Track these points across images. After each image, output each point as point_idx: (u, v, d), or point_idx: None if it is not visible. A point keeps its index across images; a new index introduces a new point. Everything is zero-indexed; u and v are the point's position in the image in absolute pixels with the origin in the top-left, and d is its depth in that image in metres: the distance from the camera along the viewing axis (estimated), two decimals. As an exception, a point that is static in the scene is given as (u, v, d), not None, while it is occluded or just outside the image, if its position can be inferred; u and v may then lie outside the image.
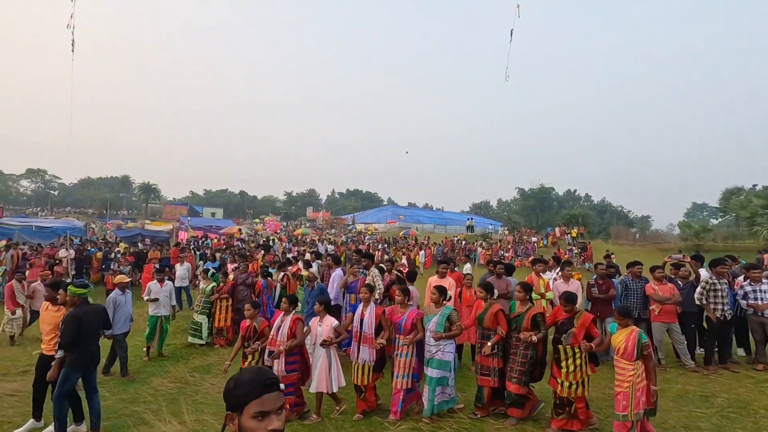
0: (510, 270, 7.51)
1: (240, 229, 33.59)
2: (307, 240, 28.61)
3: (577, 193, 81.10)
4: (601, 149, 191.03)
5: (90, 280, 14.68)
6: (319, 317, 5.08)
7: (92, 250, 16.18)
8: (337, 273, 7.65)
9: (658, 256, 21.57)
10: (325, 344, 4.85)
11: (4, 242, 16.33)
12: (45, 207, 70.30)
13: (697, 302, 6.71)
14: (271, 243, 22.96)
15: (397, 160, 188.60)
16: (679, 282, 7.09)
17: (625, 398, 4.07)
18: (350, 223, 50.38)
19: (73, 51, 6.95)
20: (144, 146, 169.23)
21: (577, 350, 4.45)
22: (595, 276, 7.40)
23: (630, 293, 6.98)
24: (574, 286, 6.99)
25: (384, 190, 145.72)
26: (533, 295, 6.74)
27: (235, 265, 10.81)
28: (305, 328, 5.12)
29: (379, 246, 25.61)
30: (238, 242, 24.15)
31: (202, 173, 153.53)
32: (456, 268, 8.75)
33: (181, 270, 11.86)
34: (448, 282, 6.76)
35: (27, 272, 13.41)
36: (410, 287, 6.27)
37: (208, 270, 9.53)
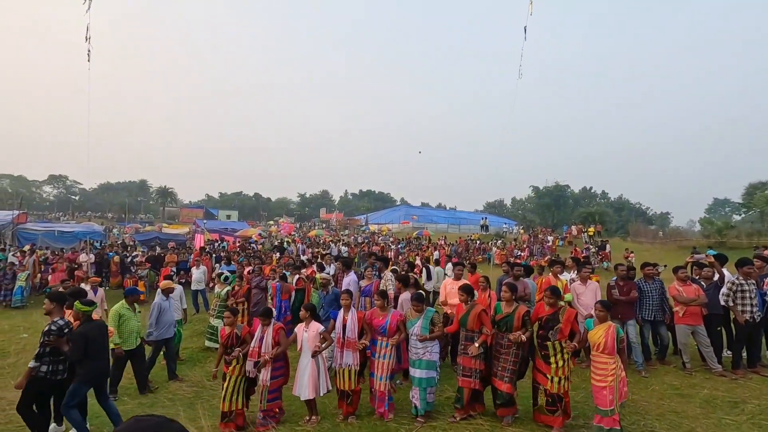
0: (528, 272, 7.38)
1: (260, 233, 33.91)
2: (321, 241, 28.71)
3: (593, 191, 79.70)
4: (617, 145, 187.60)
5: (109, 284, 14.99)
6: (304, 323, 5.11)
7: (110, 254, 16.46)
8: (350, 278, 7.60)
9: (679, 254, 21.04)
10: (315, 355, 4.89)
11: (28, 247, 16.79)
12: (66, 212, 72.19)
13: (723, 303, 6.49)
14: (285, 245, 23.10)
15: (410, 160, 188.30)
16: (702, 283, 6.86)
17: (611, 393, 4.19)
18: (363, 223, 50.44)
19: (89, 60, 7.07)
20: (160, 150, 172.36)
21: (564, 345, 4.51)
22: (615, 277, 7.21)
23: (644, 296, 6.79)
24: (592, 287, 6.82)
25: (397, 191, 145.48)
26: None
27: (250, 268, 10.88)
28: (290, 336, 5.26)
29: (393, 246, 25.56)
30: (253, 244, 24.36)
31: (217, 176, 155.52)
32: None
33: (198, 273, 11.99)
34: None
35: (50, 277, 13.81)
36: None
37: (222, 274, 9.61)
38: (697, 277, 7.13)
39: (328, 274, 9.23)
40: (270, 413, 4.92)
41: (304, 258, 14.06)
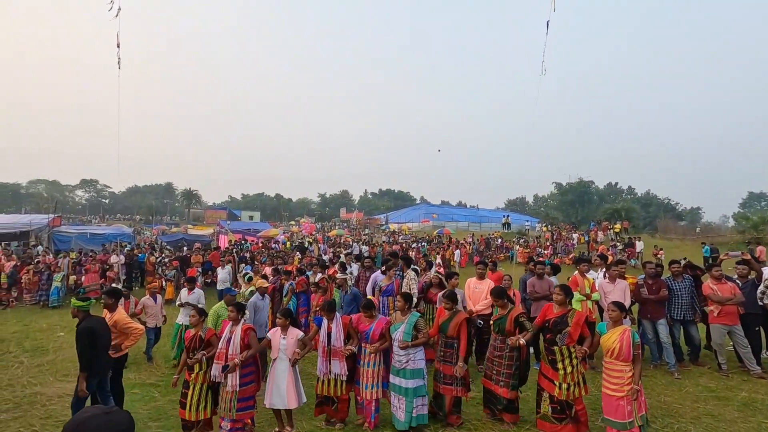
0: (555, 270, 7.23)
1: (282, 232, 34.39)
2: (342, 241, 28.90)
3: (619, 186, 77.48)
4: (643, 139, 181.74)
5: (146, 284, 15.38)
6: (281, 330, 4.76)
7: (141, 255, 16.97)
8: (376, 275, 7.63)
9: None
10: (294, 363, 4.59)
11: (62, 254, 17.48)
12: (97, 215, 74.91)
13: (760, 302, 6.21)
14: (306, 245, 23.35)
15: (430, 159, 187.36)
16: (738, 281, 6.58)
17: (629, 403, 3.85)
18: (383, 222, 50.49)
19: (119, 68, 7.32)
20: (185, 154, 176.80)
21: (573, 350, 4.22)
22: (643, 275, 7.00)
23: (673, 294, 6.57)
24: (621, 286, 6.62)
25: (416, 189, 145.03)
26: (577, 296, 6.48)
27: (273, 267, 11.04)
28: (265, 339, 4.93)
29: (414, 245, 25.49)
30: (275, 245, 24.71)
31: (239, 178, 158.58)
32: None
33: (223, 273, 12.25)
34: (487, 283, 6.59)
35: (83, 278, 14.36)
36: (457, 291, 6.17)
37: (247, 274, 9.76)
38: (734, 276, 6.85)
39: (351, 273, 9.27)
40: (238, 424, 4.42)
41: (325, 258, 14.17)
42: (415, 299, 6.51)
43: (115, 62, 7.56)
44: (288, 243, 26.79)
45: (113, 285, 12.77)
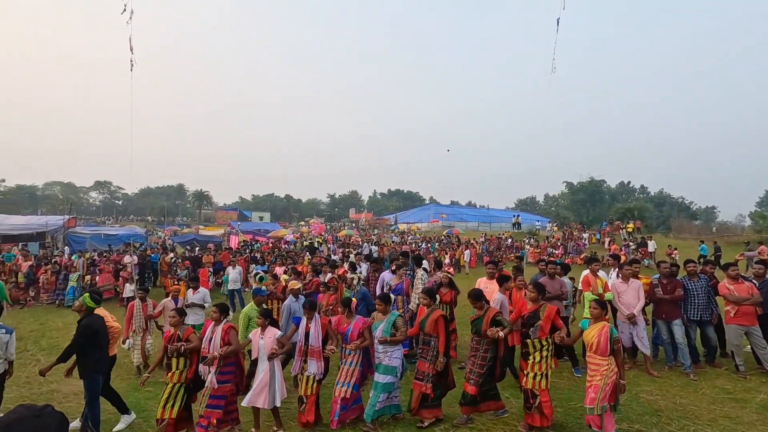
0: (566, 269, 7.16)
1: (300, 234, 34.59)
2: (351, 241, 28.97)
3: (631, 185, 76.44)
4: (657, 137, 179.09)
5: (161, 285, 15.57)
6: (260, 329, 4.81)
7: (154, 256, 17.19)
8: (385, 275, 7.63)
9: (726, 250, 19.85)
10: (272, 357, 4.64)
11: (77, 255, 17.80)
12: (111, 216, 76.14)
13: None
14: (316, 245, 23.46)
15: (439, 159, 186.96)
16: (754, 281, 6.44)
17: (595, 391, 4.09)
18: (393, 223, 50.51)
19: (132, 70, 7.45)
20: (196, 155, 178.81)
21: (544, 342, 4.54)
22: (657, 275, 6.89)
23: (689, 294, 6.46)
24: (634, 286, 6.52)
25: (425, 189, 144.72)
26: (589, 295, 6.40)
27: (284, 268, 11.11)
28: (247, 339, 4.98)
29: (422, 245, 25.46)
30: (286, 245, 24.86)
31: (249, 179, 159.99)
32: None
33: (234, 273, 12.34)
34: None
35: (97, 278, 14.59)
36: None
37: (258, 274, 9.82)
38: (751, 276, 6.72)
39: (360, 273, 9.29)
40: (203, 421, 4.40)
41: (335, 258, 14.21)
42: (418, 299, 6.51)
43: (128, 64, 7.69)
44: (298, 243, 26.95)
45: (133, 285, 12.97)
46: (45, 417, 1.27)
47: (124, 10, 6.51)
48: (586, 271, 7.95)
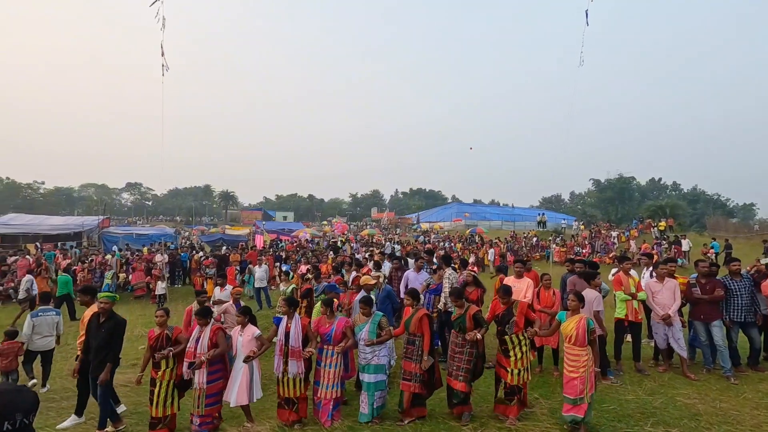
0: (594, 268, 6.96)
1: (323, 234, 34.99)
2: (374, 240, 29.07)
3: (662, 182, 73.92)
4: (689, 132, 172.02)
5: (190, 282, 16.02)
6: (240, 327, 4.90)
7: (183, 254, 17.70)
8: (408, 273, 7.63)
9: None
10: (248, 360, 4.69)
11: (109, 256, 18.52)
12: (141, 216, 78.88)
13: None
14: (339, 244, 23.64)
15: (461, 157, 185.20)
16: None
17: (582, 382, 4.31)
18: (415, 222, 50.35)
19: (164, 75, 7.70)
20: (222, 156, 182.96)
21: (522, 337, 4.74)
22: (695, 275, 6.63)
23: (731, 295, 6.17)
24: (670, 286, 6.29)
25: (448, 188, 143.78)
26: (621, 295, 6.22)
27: (308, 266, 11.25)
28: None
29: (445, 244, 25.30)
30: (310, 244, 25.16)
31: (273, 180, 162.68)
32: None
33: (260, 271, 12.58)
34: (526, 282, 6.45)
35: (131, 276, 15.17)
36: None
37: (288, 272, 9.96)
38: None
39: (384, 272, 9.31)
40: (207, 419, 4.63)
41: (359, 257, 14.29)
42: (446, 299, 6.48)
43: (157, 69, 7.95)
44: (320, 242, 27.21)
45: (164, 282, 13.39)
46: (24, 393, 1.50)
47: (157, 16, 6.75)
48: (615, 270, 7.75)
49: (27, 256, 15.88)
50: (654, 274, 6.59)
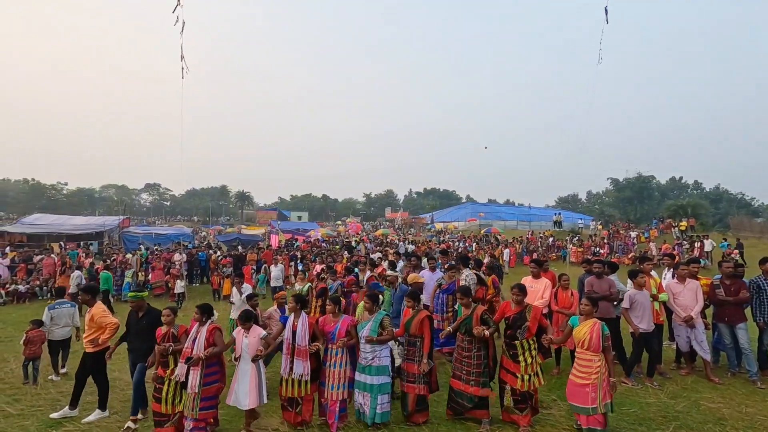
0: (613, 268, 6.84)
1: (338, 234, 35.17)
2: (388, 240, 29.06)
3: (683, 181, 72.10)
4: (711, 129, 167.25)
5: (208, 281, 16.27)
6: (245, 329, 4.75)
7: (201, 254, 17.98)
8: (424, 273, 7.61)
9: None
10: (256, 359, 4.58)
11: (130, 255, 18.94)
12: (160, 216, 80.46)
13: None
14: (353, 244, 23.71)
15: (476, 157, 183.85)
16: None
17: (594, 390, 4.07)
18: (429, 222, 50.16)
19: (183, 78, 7.84)
20: (237, 156, 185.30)
21: (531, 342, 4.54)
22: (718, 276, 6.45)
23: (764, 295, 5.97)
24: (692, 287, 6.14)
25: (462, 188, 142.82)
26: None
27: (323, 266, 11.32)
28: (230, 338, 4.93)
29: (460, 244, 25.13)
30: (324, 243, 25.30)
31: (288, 180, 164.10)
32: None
33: (276, 271, 12.72)
34: (543, 283, 6.37)
35: (150, 274, 15.48)
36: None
37: (304, 270, 10.03)
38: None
39: (399, 272, 9.30)
40: (200, 423, 4.45)
41: (373, 257, 14.31)
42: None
43: (171, 73, 8.10)
44: (334, 242, 27.31)
45: (183, 281, 13.64)
46: None
47: (177, 23, 6.88)
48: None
49: (52, 255, 16.37)
50: (675, 274, 6.43)
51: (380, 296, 5.51)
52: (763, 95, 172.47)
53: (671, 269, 7.24)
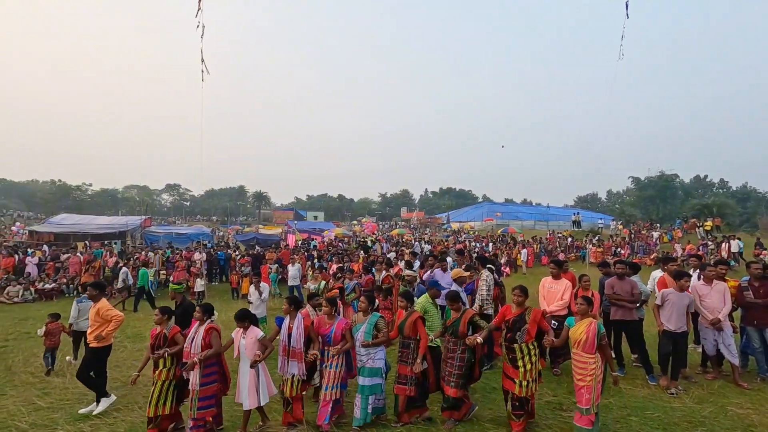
0: (635, 269, 6.69)
1: (353, 233, 35.34)
2: (403, 240, 29.02)
3: (708, 180, 70.02)
4: (739, 125, 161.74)
5: (228, 281, 16.53)
6: (242, 329, 4.75)
7: (220, 253, 18.28)
8: (437, 273, 7.59)
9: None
10: (254, 365, 4.58)
11: (152, 253, 19.35)
12: (180, 216, 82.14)
13: None
14: (369, 243, 23.76)
15: (493, 156, 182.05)
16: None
17: (588, 391, 4.09)
18: (445, 222, 49.92)
19: (203, 80, 8.00)
20: (255, 158, 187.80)
21: (531, 347, 4.47)
22: (746, 277, 6.24)
23: None
24: (719, 289, 5.95)
25: (478, 187, 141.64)
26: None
27: (339, 265, 11.38)
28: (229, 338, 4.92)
29: (477, 245, 24.93)
30: (340, 243, 25.43)
31: (304, 180, 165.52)
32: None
33: (293, 270, 12.85)
34: (563, 284, 6.27)
35: (172, 275, 15.82)
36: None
37: (320, 268, 10.10)
38: None
39: (415, 271, 9.29)
40: (200, 422, 4.48)
41: (389, 256, 14.33)
42: (485, 302, 6.37)
43: (192, 74, 8.26)
44: (350, 242, 27.42)
45: (203, 280, 13.89)
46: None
47: (198, 27, 7.03)
48: (657, 272, 7.39)
49: (78, 254, 16.88)
50: (702, 276, 6.24)
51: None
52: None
53: (698, 270, 7.04)
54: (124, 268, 13.46)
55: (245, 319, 4.78)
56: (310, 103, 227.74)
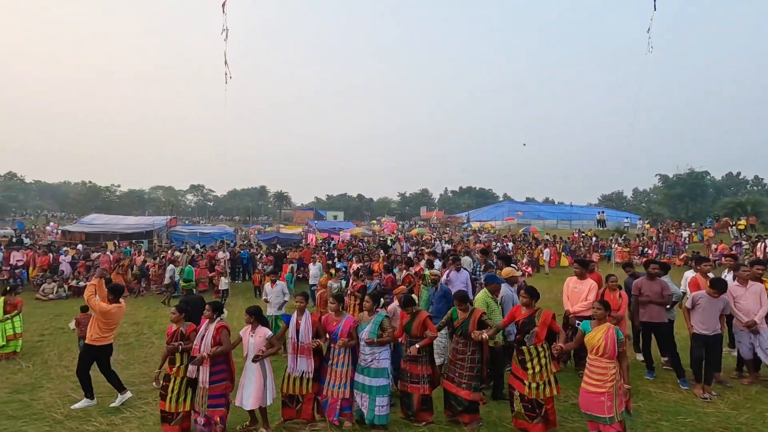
0: (666, 269, 6.47)
1: (373, 233, 35.48)
2: (423, 239, 28.94)
3: (742, 177, 67.27)
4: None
5: (251, 279, 16.83)
6: (250, 327, 4.73)
7: (243, 252, 18.61)
8: (451, 273, 7.55)
9: None
10: (257, 359, 4.54)
11: (177, 252, 19.85)
12: (204, 216, 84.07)
13: None
14: (389, 243, 23.79)
15: (514, 154, 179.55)
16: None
17: (610, 399, 3.89)
18: (465, 221, 49.50)
19: (226, 83, 8.16)
20: (277, 158, 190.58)
21: (541, 349, 4.34)
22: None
23: None
24: (754, 290, 5.70)
25: (499, 186, 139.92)
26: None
27: (360, 264, 11.43)
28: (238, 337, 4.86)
29: (497, 245, 24.63)
30: (360, 242, 25.54)
31: (324, 180, 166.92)
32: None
33: (314, 269, 12.97)
34: (588, 284, 6.12)
35: (196, 271, 16.19)
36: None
37: (339, 268, 10.17)
38: None
39: (438, 270, 9.23)
40: (211, 420, 4.47)
41: (410, 255, 14.29)
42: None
43: (216, 77, 8.44)
44: (368, 244, 27.49)
45: (227, 278, 14.20)
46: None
47: (223, 32, 7.19)
48: (690, 272, 7.15)
49: (108, 253, 17.49)
50: (736, 276, 5.99)
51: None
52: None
53: (732, 271, 6.77)
54: (171, 266, 14.51)
55: (253, 314, 4.76)
56: (327, 100, 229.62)
